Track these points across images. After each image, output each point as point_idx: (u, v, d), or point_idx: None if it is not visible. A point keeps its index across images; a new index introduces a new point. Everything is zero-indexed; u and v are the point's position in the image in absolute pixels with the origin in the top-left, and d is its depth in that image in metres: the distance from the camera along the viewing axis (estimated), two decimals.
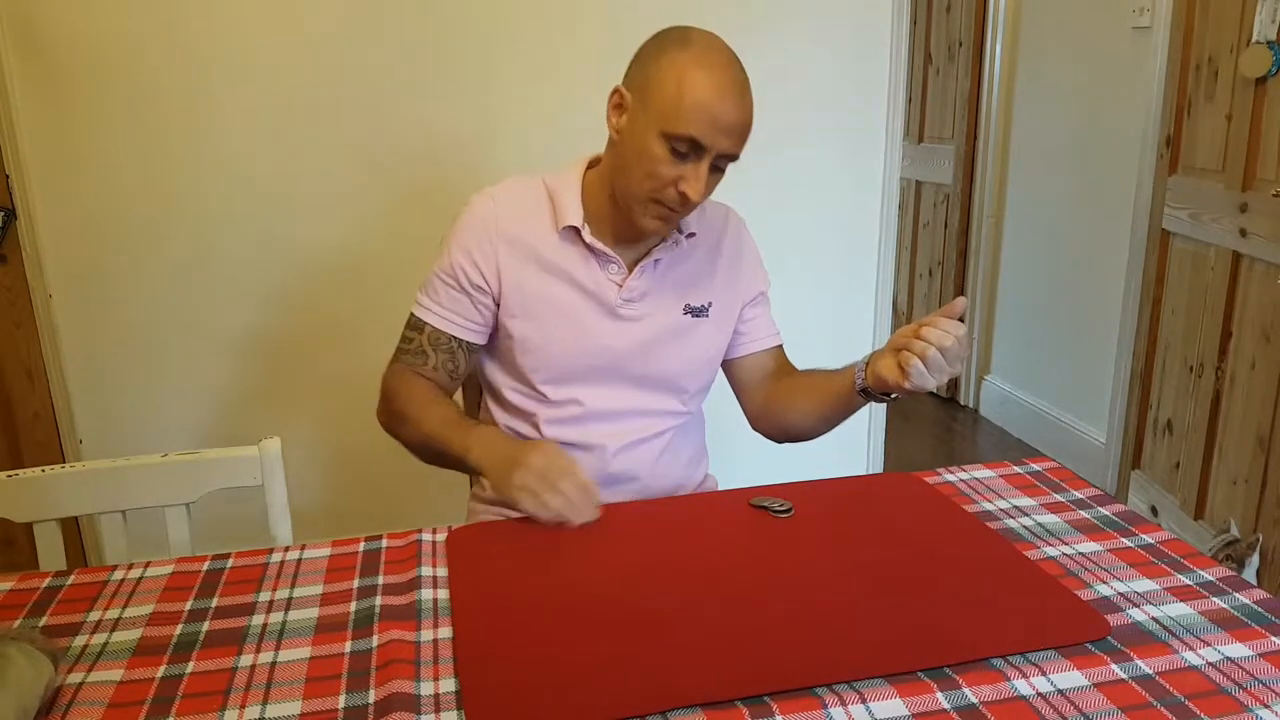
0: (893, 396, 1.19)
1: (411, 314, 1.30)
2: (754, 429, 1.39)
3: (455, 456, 1.20)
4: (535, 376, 1.27)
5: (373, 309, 2.18)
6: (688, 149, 1.12)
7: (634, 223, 1.20)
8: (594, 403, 1.27)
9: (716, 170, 1.17)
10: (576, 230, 1.23)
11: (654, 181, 1.15)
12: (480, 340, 1.29)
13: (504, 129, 2.13)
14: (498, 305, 1.27)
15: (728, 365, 1.39)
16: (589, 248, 1.24)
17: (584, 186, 1.26)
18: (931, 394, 3.77)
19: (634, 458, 1.29)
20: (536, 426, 1.28)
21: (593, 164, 1.29)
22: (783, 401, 1.34)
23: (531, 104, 2.12)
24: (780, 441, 1.38)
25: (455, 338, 1.28)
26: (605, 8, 2.11)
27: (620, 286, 1.26)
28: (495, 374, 1.32)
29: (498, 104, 2.12)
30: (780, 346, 1.41)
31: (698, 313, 1.31)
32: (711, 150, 1.13)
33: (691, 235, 1.28)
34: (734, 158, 1.16)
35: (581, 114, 2.17)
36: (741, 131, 1.15)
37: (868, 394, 1.20)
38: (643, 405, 1.29)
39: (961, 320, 1.10)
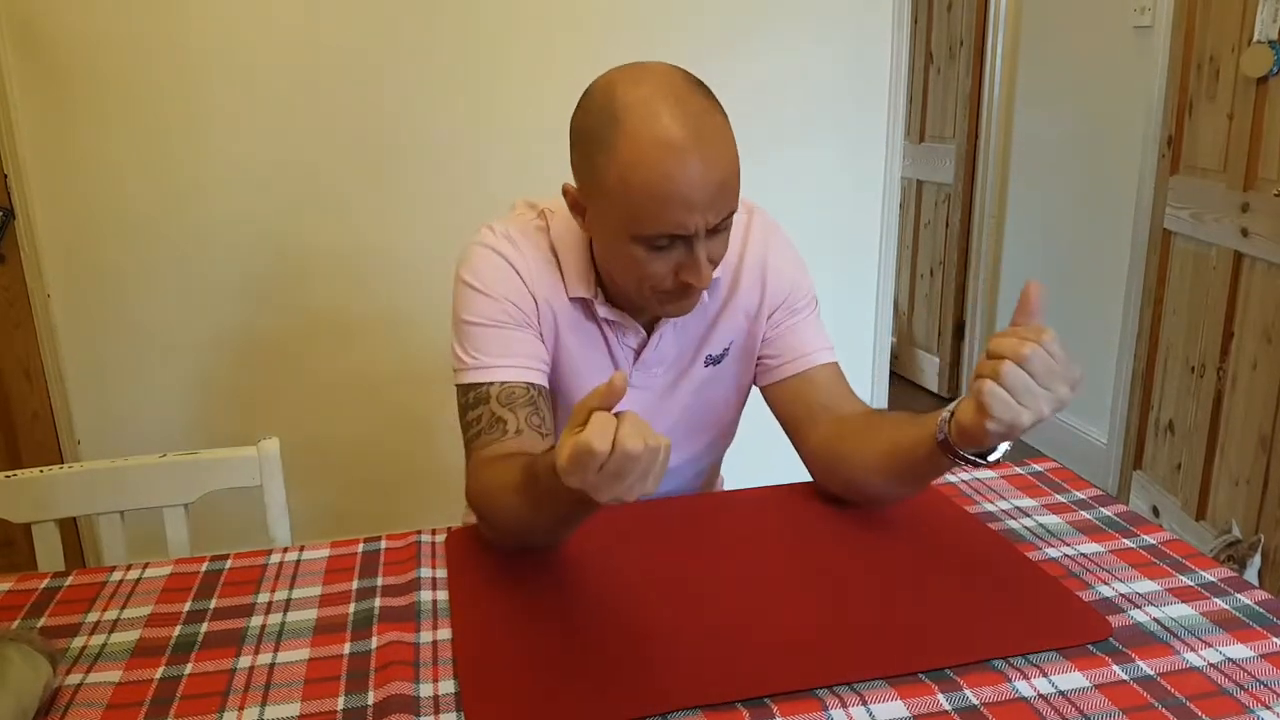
0: (990, 457, 0.89)
1: (462, 390, 1.06)
2: (815, 481, 1.14)
3: (559, 494, 0.80)
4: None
5: (372, 310, 2.18)
6: (668, 242, 0.95)
7: (650, 311, 1.07)
8: None
9: (722, 230, 0.98)
10: (589, 299, 1.09)
11: (649, 280, 0.99)
12: (547, 383, 1.08)
13: (504, 129, 2.13)
14: (549, 359, 1.10)
15: (766, 399, 1.19)
16: (604, 316, 1.10)
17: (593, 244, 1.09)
18: (932, 394, 3.77)
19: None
20: None
21: None
22: (842, 448, 1.07)
23: (532, 104, 2.12)
24: (849, 499, 1.09)
25: (531, 384, 1.05)
26: (606, 5, 2.11)
27: (637, 354, 1.13)
28: None
29: (498, 104, 2.12)
30: (828, 367, 1.15)
31: (718, 360, 1.16)
32: (698, 232, 0.94)
33: (715, 279, 1.11)
34: (732, 214, 0.98)
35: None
36: (723, 195, 0.94)
37: (951, 450, 0.89)
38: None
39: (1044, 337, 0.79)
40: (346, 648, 0.86)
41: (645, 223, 0.93)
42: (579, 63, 2.15)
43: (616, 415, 0.73)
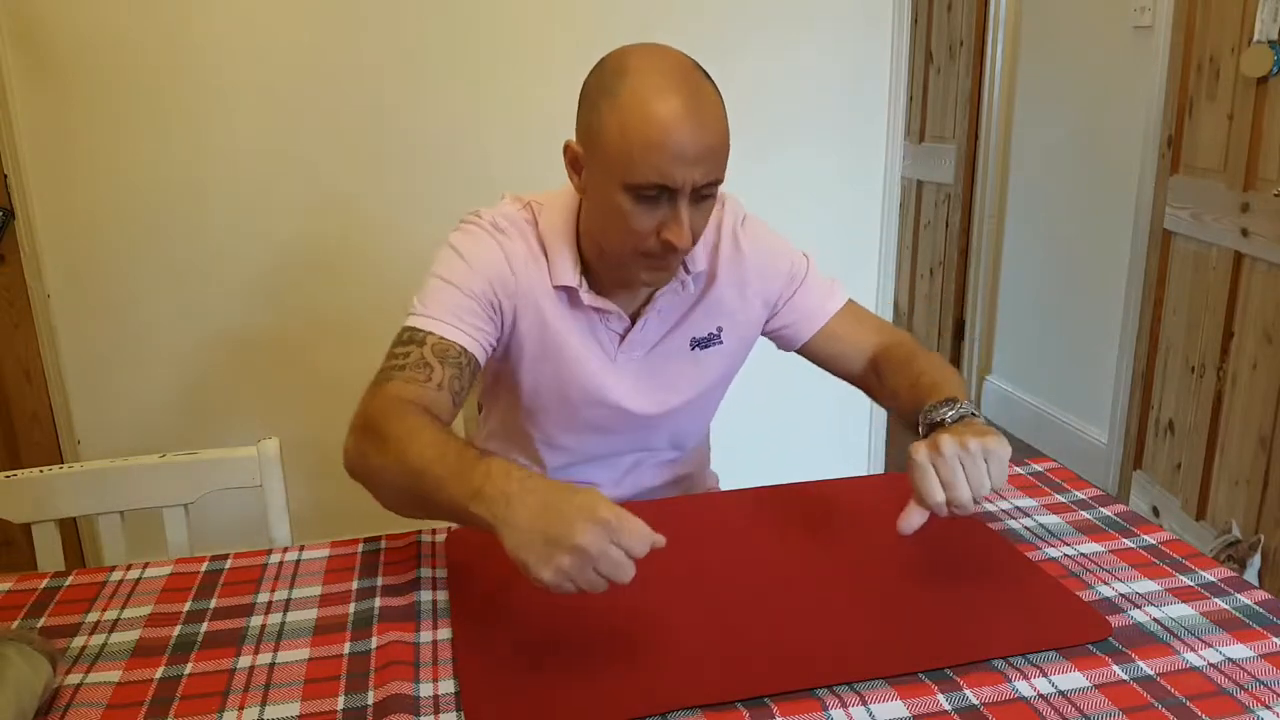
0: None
1: (405, 329, 1.10)
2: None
3: (454, 503, 0.87)
4: (534, 433, 1.21)
5: (372, 309, 2.17)
6: (657, 193, 0.99)
7: (630, 278, 1.10)
8: (597, 450, 1.23)
9: (704, 199, 1.03)
10: (574, 288, 1.12)
11: (633, 238, 1.03)
12: (482, 361, 1.11)
13: (506, 129, 2.13)
14: (495, 347, 1.14)
15: (804, 354, 1.28)
16: (589, 304, 1.14)
17: (579, 229, 1.13)
18: None
19: (643, 494, 1.27)
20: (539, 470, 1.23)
21: None
22: (874, 387, 1.23)
23: (532, 104, 2.12)
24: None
25: (466, 350, 1.08)
26: (606, 7, 2.11)
27: (622, 339, 1.16)
28: (492, 418, 1.27)
29: (499, 104, 2.12)
30: (840, 314, 1.24)
31: (705, 343, 1.20)
32: (684, 188, 0.99)
33: (699, 272, 1.17)
34: (716, 183, 1.02)
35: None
36: (711, 156, 0.99)
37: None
38: (647, 444, 1.24)
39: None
40: (346, 648, 0.87)
41: (637, 170, 0.98)
42: (579, 64, 2.15)
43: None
